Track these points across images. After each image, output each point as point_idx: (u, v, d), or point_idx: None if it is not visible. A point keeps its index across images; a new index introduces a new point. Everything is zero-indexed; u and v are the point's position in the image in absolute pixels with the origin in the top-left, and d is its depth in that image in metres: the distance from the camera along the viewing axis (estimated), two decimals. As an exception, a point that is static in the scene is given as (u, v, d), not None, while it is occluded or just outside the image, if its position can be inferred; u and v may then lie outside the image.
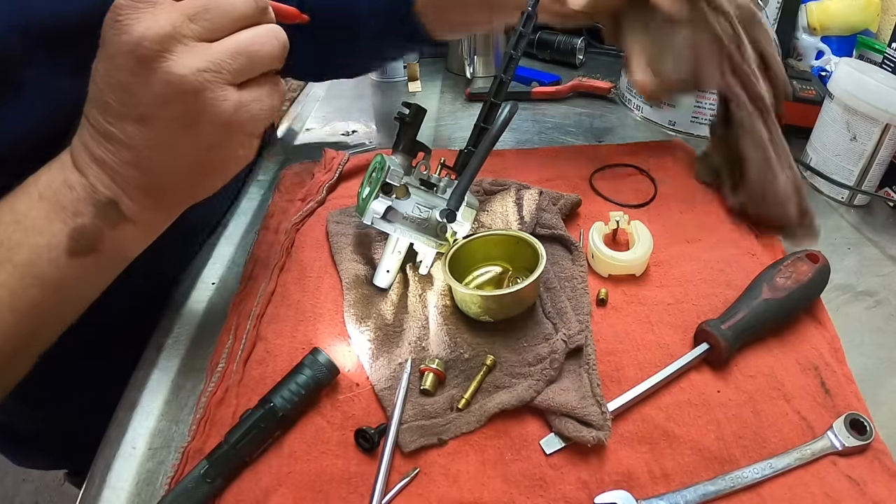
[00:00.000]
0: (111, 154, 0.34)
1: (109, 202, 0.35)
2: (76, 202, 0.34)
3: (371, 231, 0.49)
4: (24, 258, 0.34)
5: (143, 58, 0.31)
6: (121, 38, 0.31)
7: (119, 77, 0.32)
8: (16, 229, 0.34)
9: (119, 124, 0.33)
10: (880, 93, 0.54)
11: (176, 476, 0.35)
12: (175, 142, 0.34)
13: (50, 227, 0.34)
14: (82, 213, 0.34)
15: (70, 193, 0.34)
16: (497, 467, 0.35)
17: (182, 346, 0.44)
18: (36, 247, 0.34)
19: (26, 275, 0.34)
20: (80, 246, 0.35)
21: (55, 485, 1.41)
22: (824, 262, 0.44)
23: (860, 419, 0.36)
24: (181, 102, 0.32)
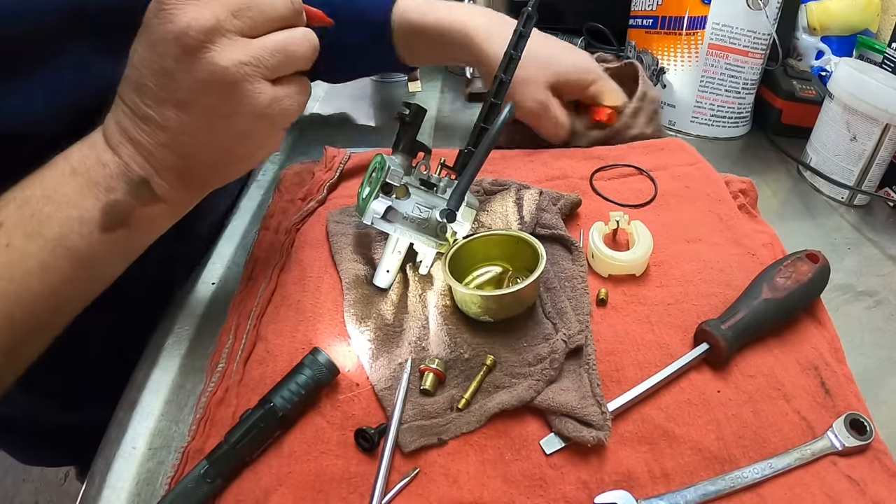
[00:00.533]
0: (147, 135, 0.36)
1: (142, 181, 0.36)
2: (109, 179, 0.36)
3: (371, 231, 0.49)
4: (56, 231, 0.34)
5: (188, 47, 0.33)
6: (166, 27, 0.33)
7: (162, 63, 0.34)
8: (47, 203, 0.34)
9: (157, 108, 0.35)
10: (880, 93, 0.54)
11: (176, 476, 0.35)
12: (210, 128, 0.36)
13: (83, 201, 0.35)
14: (115, 189, 0.36)
15: (103, 170, 0.36)
16: (497, 467, 0.35)
17: (182, 346, 0.44)
18: (68, 220, 0.35)
19: (58, 247, 0.34)
20: (112, 221, 0.36)
21: (55, 485, 1.41)
22: (824, 262, 0.44)
23: (860, 419, 0.36)
24: (221, 91, 0.34)
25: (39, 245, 0.34)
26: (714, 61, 0.67)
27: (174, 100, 0.35)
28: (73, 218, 0.35)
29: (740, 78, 0.68)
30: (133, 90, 0.35)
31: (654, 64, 0.73)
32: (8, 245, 0.33)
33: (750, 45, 0.66)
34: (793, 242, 0.50)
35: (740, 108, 0.71)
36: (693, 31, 0.67)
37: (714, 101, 0.70)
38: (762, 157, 0.69)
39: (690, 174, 0.58)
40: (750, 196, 0.56)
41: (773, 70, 0.72)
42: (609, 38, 0.94)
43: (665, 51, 0.71)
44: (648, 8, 0.72)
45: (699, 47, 0.67)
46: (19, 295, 0.34)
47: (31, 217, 0.34)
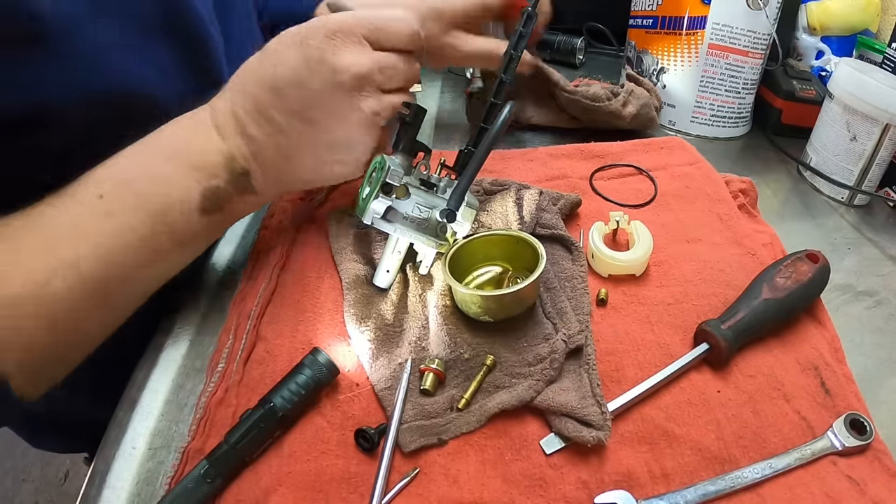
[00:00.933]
0: (264, 135, 0.39)
1: (244, 172, 0.40)
2: (215, 166, 0.38)
3: (371, 231, 0.49)
4: (158, 208, 0.36)
5: (341, 83, 0.38)
6: (327, 56, 0.38)
7: (310, 83, 0.38)
8: (150, 182, 0.37)
9: (287, 115, 0.39)
10: (880, 93, 0.54)
11: (176, 476, 0.35)
12: (323, 146, 0.41)
13: (186, 183, 0.37)
14: (218, 176, 0.38)
15: (209, 157, 0.38)
16: (497, 467, 0.35)
17: (182, 346, 0.44)
18: (170, 199, 0.37)
19: (158, 223, 0.37)
20: (211, 205, 0.39)
21: (55, 485, 1.41)
22: (824, 262, 0.44)
23: (860, 419, 0.36)
24: (348, 127, 0.40)
25: (140, 219, 0.36)
26: (714, 61, 0.67)
27: (306, 116, 0.39)
28: (175, 198, 0.37)
29: (740, 78, 0.68)
30: (266, 91, 0.38)
31: (654, 64, 0.73)
32: (108, 216, 0.35)
33: (750, 45, 0.66)
34: (793, 242, 0.50)
35: (740, 108, 0.71)
36: (693, 31, 0.67)
37: (714, 101, 0.70)
38: (762, 157, 0.69)
39: (690, 174, 0.58)
40: (750, 196, 0.56)
41: (773, 70, 0.72)
42: (609, 38, 0.94)
43: (665, 51, 0.71)
44: (648, 8, 0.72)
45: (699, 47, 0.67)
46: (116, 264, 0.35)
47: (133, 193, 0.36)
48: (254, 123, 0.39)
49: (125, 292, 0.38)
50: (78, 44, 0.36)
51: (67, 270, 0.33)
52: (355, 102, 0.39)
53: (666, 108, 0.73)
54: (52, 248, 0.33)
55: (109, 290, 0.36)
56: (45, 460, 1.45)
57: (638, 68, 0.76)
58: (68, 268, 0.33)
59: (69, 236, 0.34)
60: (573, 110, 0.67)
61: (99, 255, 0.34)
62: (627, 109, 0.65)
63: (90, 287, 0.34)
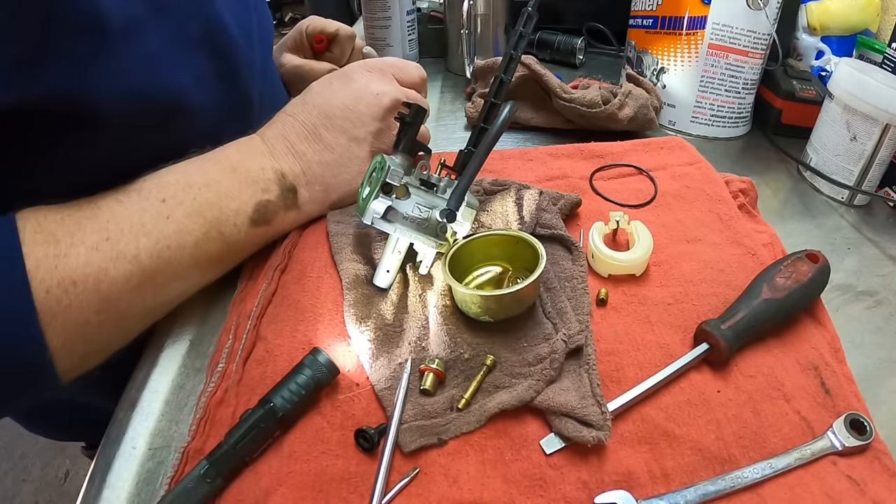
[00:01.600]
0: (313, 151, 0.46)
1: (291, 188, 0.45)
2: (267, 182, 0.44)
3: (371, 231, 0.49)
4: (215, 216, 0.41)
5: (382, 106, 0.48)
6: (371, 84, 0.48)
7: (357, 106, 0.48)
8: (208, 191, 0.41)
9: (334, 133, 0.47)
10: (880, 93, 0.54)
11: (176, 476, 0.35)
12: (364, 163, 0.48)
13: (241, 195, 0.42)
14: (270, 191, 0.44)
15: (262, 173, 0.44)
16: (497, 467, 0.35)
17: (182, 346, 0.44)
18: (226, 209, 0.41)
19: (213, 230, 0.41)
20: (261, 217, 0.43)
21: (55, 485, 1.41)
22: (824, 262, 0.44)
23: (860, 419, 0.36)
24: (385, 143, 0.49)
25: (198, 224, 0.40)
26: (714, 61, 0.67)
27: (353, 134, 0.47)
28: (231, 208, 0.41)
29: (740, 78, 0.68)
30: (318, 115, 0.47)
31: (654, 64, 0.73)
32: (168, 218, 0.39)
33: (750, 45, 0.66)
34: (793, 242, 0.50)
35: (740, 108, 0.71)
36: (693, 31, 0.67)
37: (714, 101, 0.70)
38: (762, 157, 0.69)
39: (690, 174, 0.58)
40: (750, 196, 0.56)
41: (773, 70, 0.72)
42: (609, 38, 0.94)
43: (665, 51, 0.71)
44: (648, 8, 0.72)
45: (699, 47, 0.67)
46: (170, 262, 0.38)
47: (192, 199, 0.40)
48: (304, 142, 0.46)
49: (172, 289, 0.41)
50: (134, 45, 0.37)
51: (127, 261, 0.36)
52: (391, 121, 0.49)
53: (666, 108, 0.73)
54: (115, 238, 0.36)
55: (159, 284, 0.39)
56: (45, 460, 1.45)
57: (638, 68, 0.76)
58: (128, 259, 0.36)
59: (131, 231, 0.37)
60: (570, 115, 0.67)
61: (156, 251, 0.38)
62: (624, 112, 0.65)
63: (144, 279, 0.37)
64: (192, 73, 0.43)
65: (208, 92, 0.45)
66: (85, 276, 0.34)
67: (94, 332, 0.36)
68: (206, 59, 0.44)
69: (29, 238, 0.33)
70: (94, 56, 0.35)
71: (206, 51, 0.44)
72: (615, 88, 0.67)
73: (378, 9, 0.82)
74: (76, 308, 0.34)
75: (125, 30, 0.36)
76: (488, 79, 0.73)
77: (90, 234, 0.35)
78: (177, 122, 0.43)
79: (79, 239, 0.35)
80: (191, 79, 0.43)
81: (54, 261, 0.33)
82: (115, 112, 0.38)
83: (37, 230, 0.34)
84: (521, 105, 0.70)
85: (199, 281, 0.43)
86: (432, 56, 0.94)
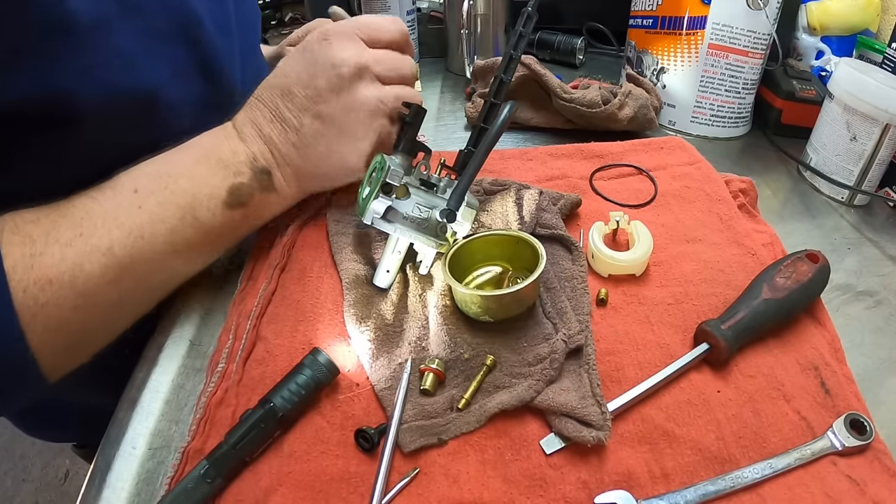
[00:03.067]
0: (279, 134, 0.44)
1: (264, 170, 0.44)
2: (239, 164, 0.43)
3: (371, 231, 0.49)
4: (188, 202, 0.40)
5: (342, 76, 0.44)
6: (328, 53, 0.44)
7: (314, 81, 0.44)
8: (180, 178, 0.40)
9: (298, 113, 0.44)
10: (880, 93, 0.54)
11: (176, 476, 0.35)
12: (333, 139, 0.45)
13: (213, 180, 0.41)
14: (242, 173, 0.43)
15: (234, 157, 0.43)
16: (497, 467, 0.35)
17: (182, 346, 0.44)
18: (199, 194, 0.41)
19: (187, 215, 0.40)
20: (235, 199, 0.42)
21: (55, 485, 1.41)
22: (824, 262, 0.44)
23: (860, 419, 0.36)
24: (356, 116, 0.45)
25: (171, 211, 0.39)
26: (714, 61, 0.67)
27: (315, 111, 0.44)
28: (204, 193, 0.41)
29: (740, 78, 0.68)
30: (279, 95, 0.44)
31: (654, 64, 0.73)
32: (140, 208, 0.38)
33: (750, 45, 0.66)
34: (793, 242, 0.50)
35: (740, 108, 0.71)
36: (693, 31, 0.67)
37: (714, 101, 0.70)
38: (762, 157, 0.69)
39: (690, 174, 0.58)
40: (750, 196, 0.56)
41: (773, 70, 0.72)
42: (609, 38, 0.94)
43: (665, 51, 0.71)
44: (648, 8, 0.72)
45: (699, 47, 0.67)
46: (146, 251, 0.38)
47: (164, 188, 0.39)
48: (269, 125, 0.44)
49: (152, 280, 0.40)
50: (105, 43, 0.38)
51: (101, 254, 0.36)
52: (358, 91, 0.44)
53: (666, 108, 0.73)
54: (88, 233, 0.36)
55: (137, 275, 0.38)
56: (45, 460, 1.45)
57: (638, 68, 0.76)
58: (102, 252, 0.36)
59: (104, 224, 0.37)
60: (570, 115, 0.67)
61: (130, 242, 0.37)
62: (624, 112, 0.65)
63: (121, 271, 0.37)
64: (169, 68, 0.43)
65: (186, 85, 0.45)
66: (60, 274, 0.34)
67: (74, 328, 0.36)
68: (181, 52, 0.44)
69: (6, 240, 0.34)
70: (67, 55, 0.36)
71: (181, 44, 0.44)
72: (615, 88, 0.67)
73: (378, 9, 0.82)
74: (53, 305, 0.34)
75: (95, 29, 0.37)
76: (488, 79, 0.73)
77: (64, 231, 0.36)
78: (155, 116, 0.43)
79: (53, 237, 0.35)
80: (167, 73, 0.43)
81: (30, 260, 0.34)
82: (92, 109, 0.38)
83: (14, 232, 0.34)
84: (521, 105, 0.70)
85: (182, 270, 0.43)
86: (432, 56, 0.94)
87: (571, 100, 0.65)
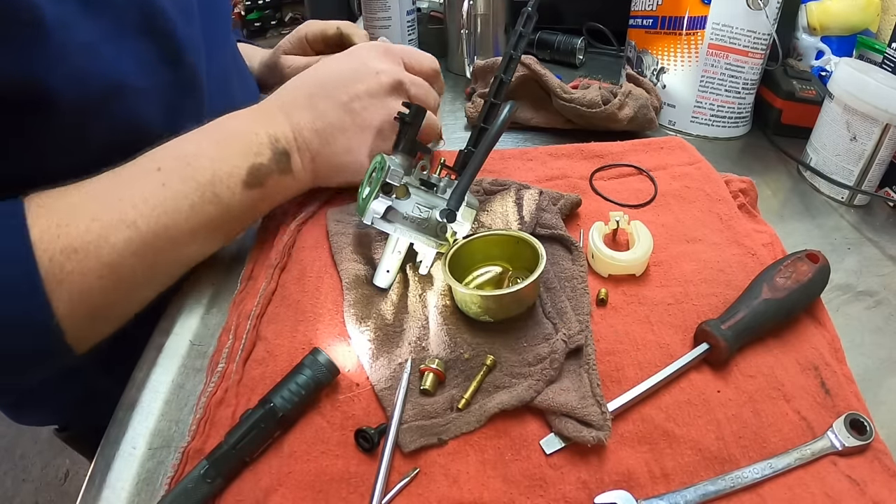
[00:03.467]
0: (308, 120, 0.47)
1: (284, 152, 0.46)
2: (260, 145, 0.44)
3: (371, 231, 0.49)
4: (209, 179, 0.42)
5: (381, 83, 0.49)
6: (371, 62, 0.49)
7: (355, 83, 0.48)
8: (202, 158, 0.42)
9: (328, 102, 0.48)
10: (880, 93, 0.54)
11: (176, 476, 0.35)
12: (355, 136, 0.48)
13: (233, 159, 0.43)
14: (262, 154, 0.44)
15: (255, 138, 0.45)
16: (497, 467, 0.35)
17: (182, 345, 0.44)
18: (219, 172, 0.42)
19: (207, 192, 0.42)
20: (255, 179, 0.44)
21: (55, 485, 1.41)
22: (824, 262, 0.44)
23: (860, 419, 0.36)
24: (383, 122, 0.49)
25: (192, 188, 0.41)
26: (714, 61, 0.67)
27: (348, 107, 0.48)
28: (224, 171, 0.42)
29: (740, 78, 0.68)
30: (317, 85, 0.48)
31: (654, 64, 0.73)
32: (164, 185, 0.40)
33: (750, 45, 0.66)
34: (793, 242, 0.50)
35: (740, 108, 0.71)
36: (693, 31, 0.67)
37: (714, 101, 0.70)
38: (762, 157, 0.69)
39: (690, 174, 0.58)
40: (750, 196, 0.56)
41: (773, 70, 0.72)
42: (609, 38, 0.94)
43: (665, 51, 0.71)
44: (648, 8, 0.72)
45: (699, 47, 0.67)
46: (168, 226, 0.40)
47: (186, 166, 0.41)
48: (300, 111, 0.47)
49: (173, 255, 0.42)
50: (72, 36, 0.40)
51: (125, 227, 0.38)
52: (390, 101, 0.49)
53: (666, 108, 0.73)
54: (113, 207, 0.38)
55: (159, 249, 0.40)
56: (45, 460, 1.45)
57: (638, 68, 0.76)
58: (126, 224, 0.38)
59: (129, 198, 0.39)
60: (570, 115, 0.67)
61: (154, 215, 0.39)
62: (624, 112, 0.65)
63: (144, 244, 0.39)
64: (134, 58, 0.45)
65: (152, 74, 0.47)
66: (85, 244, 0.36)
67: (98, 298, 0.37)
68: (147, 43, 0.46)
69: (32, 212, 0.36)
70: (34, 46, 0.38)
71: (146, 35, 0.46)
72: (615, 88, 0.67)
73: (378, 9, 0.82)
74: (78, 273, 0.36)
75: (60, 23, 0.38)
76: (488, 79, 0.73)
77: (90, 205, 0.38)
78: (125, 103, 0.45)
79: (80, 211, 0.37)
80: (133, 63, 0.45)
81: (56, 230, 0.35)
82: (65, 96, 0.40)
83: (39, 205, 0.36)
84: (521, 105, 0.70)
85: (201, 248, 0.44)
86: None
87: (571, 100, 0.65)
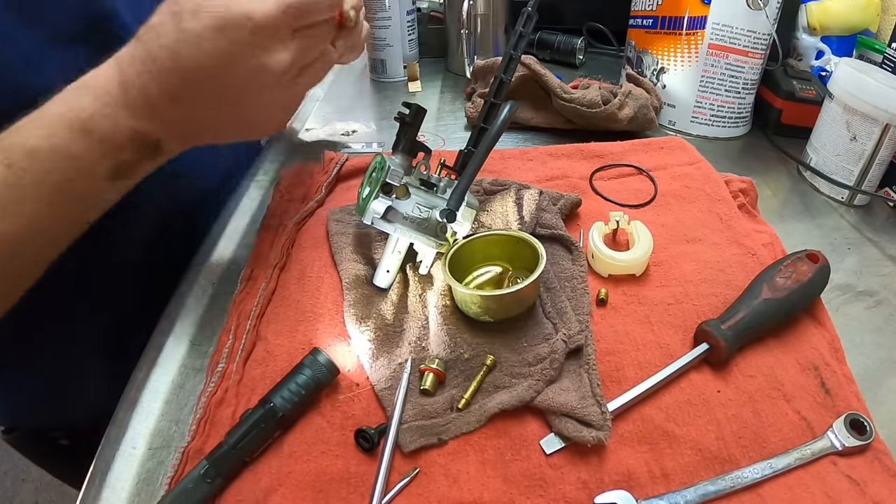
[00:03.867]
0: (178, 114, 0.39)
1: (155, 144, 0.40)
2: (123, 140, 0.38)
3: (371, 231, 0.49)
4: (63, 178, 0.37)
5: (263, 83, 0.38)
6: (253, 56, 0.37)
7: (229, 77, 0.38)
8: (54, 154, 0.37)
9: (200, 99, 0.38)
10: (880, 93, 0.54)
11: (176, 476, 0.35)
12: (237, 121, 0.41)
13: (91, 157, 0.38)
14: (125, 149, 0.39)
15: (117, 132, 0.38)
16: (497, 467, 0.35)
17: (182, 346, 0.44)
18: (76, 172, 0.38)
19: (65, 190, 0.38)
20: (120, 174, 0.39)
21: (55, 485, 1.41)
22: (824, 262, 0.44)
23: (860, 419, 0.36)
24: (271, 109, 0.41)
25: (47, 189, 0.37)
26: (714, 61, 0.67)
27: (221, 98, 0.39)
28: (82, 170, 0.38)
29: (740, 78, 0.68)
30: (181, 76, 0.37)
31: (654, 64, 0.73)
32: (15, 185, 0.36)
33: (750, 45, 0.66)
34: (793, 242, 0.50)
35: (740, 108, 0.71)
36: (693, 31, 0.67)
37: (714, 101, 0.70)
38: (762, 157, 0.69)
39: (690, 174, 0.58)
40: (750, 196, 0.56)
41: (773, 70, 0.72)
42: (609, 38, 0.94)
43: (665, 51, 0.71)
44: (648, 8, 0.72)
45: (699, 47, 0.67)
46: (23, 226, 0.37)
47: (38, 165, 0.37)
48: (166, 105, 0.38)
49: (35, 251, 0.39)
50: (9, 50, 0.39)
51: None
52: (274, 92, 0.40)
53: (666, 108, 0.73)
54: None
55: (18, 248, 0.37)
56: (45, 460, 1.44)
57: (638, 68, 0.76)
58: None
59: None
60: (570, 115, 0.67)
61: (5, 217, 0.36)
62: (624, 112, 0.65)
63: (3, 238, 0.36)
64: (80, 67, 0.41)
65: None
66: None
67: None
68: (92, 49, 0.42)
69: None
70: None
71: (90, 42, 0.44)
72: (615, 88, 0.67)
73: (378, 9, 0.82)
74: None
75: None
76: (488, 79, 0.73)
77: None
78: None
79: None
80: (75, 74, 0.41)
81: None
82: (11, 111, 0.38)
83: None
84: (521, 105, 0.70)
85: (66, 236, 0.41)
86: (432, 56, 0.94)
87: (571, 100, 0.65)
